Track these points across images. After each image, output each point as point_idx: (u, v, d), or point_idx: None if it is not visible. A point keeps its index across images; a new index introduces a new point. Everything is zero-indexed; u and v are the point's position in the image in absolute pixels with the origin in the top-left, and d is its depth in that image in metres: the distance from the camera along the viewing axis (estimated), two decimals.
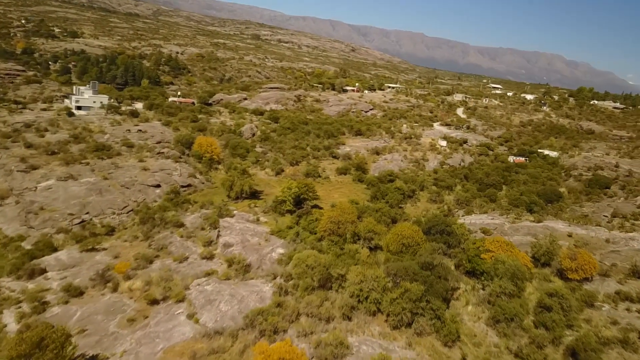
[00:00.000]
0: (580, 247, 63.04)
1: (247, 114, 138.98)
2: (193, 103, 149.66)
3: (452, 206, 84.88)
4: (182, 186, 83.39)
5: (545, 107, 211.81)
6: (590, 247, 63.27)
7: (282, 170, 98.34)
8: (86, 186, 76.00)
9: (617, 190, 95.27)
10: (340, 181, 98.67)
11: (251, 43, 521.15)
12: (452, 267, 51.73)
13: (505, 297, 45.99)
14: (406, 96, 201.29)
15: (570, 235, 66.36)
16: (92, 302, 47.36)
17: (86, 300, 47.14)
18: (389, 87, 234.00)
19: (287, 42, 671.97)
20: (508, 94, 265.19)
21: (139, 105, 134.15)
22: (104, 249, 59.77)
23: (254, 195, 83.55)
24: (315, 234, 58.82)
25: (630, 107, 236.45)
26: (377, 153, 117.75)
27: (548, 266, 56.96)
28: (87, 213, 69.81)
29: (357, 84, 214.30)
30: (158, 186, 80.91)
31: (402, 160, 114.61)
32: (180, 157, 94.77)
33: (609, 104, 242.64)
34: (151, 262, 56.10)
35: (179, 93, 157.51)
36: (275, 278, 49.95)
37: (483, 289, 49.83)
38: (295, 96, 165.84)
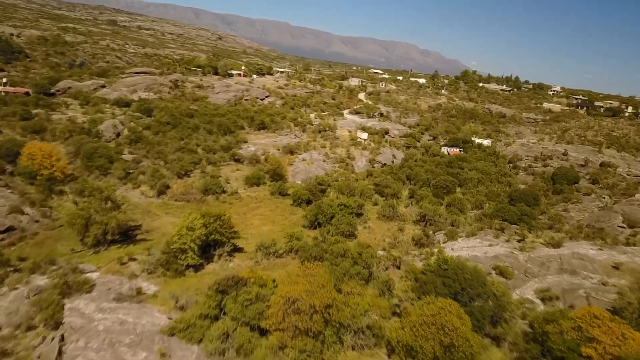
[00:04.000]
0: None
1: (108, 105, 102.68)
2: (27, 93, 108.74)
3: (425, 227, 61.17)
4: None
5: (443, 91, 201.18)
6: None
7: (167, 187, 66.98)
8: None
9: (589, 185, 79.69)
10: (254, 197, 69.95)
11: (107, 29, 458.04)
12: None
13: None
14: (300, 81, 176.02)
15: (617, 268, 46.10)
16: None
17: None
18: (279, 71, 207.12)
19: (148, 29, 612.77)
20: (398, 77, 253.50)
21: None
22: None
23: (127, 234, 52.10)
24: (264, 333, 30.56)
25: (515, 89, 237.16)
26: (291, 152, 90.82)
27: None
28: None
29: (243, 68, 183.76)
30: None
31: (324, 161, 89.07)
32: None
33: (494, 87, 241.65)
34: None
35: (4, 80, 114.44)
36: None
37: None
38: (171, 82, 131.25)
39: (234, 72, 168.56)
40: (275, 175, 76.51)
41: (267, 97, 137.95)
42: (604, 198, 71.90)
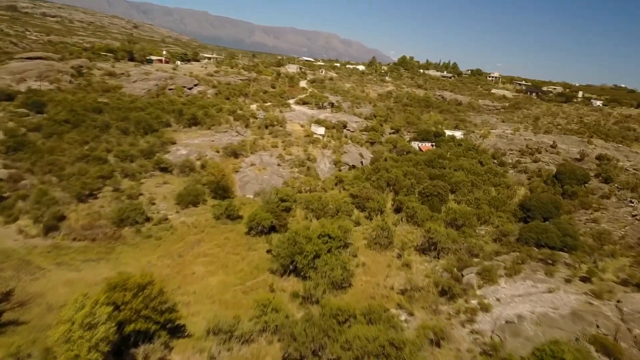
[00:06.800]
0: None
1: None
2: None
3: (438, 259, 44.07)
4: None
5: (388, 78, 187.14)
6: None
7: (62, 218, 45.38)
8: None
9: (603, 184, 66.67)
10: (192, 224, 49.71)
11: (5, 15, 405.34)
12: None
13: None
14: (232, 68, 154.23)
15: None
16: None
17: None
18: (206, 57, 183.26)
19: (54, 17, 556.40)
20: (336, 65, 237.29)
21: None
22: None
23: None
24: None
25: (457, 76, 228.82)
26: (235, 155, 70.90)
27: None
28: None
29: (164, 52, 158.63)
30: None
31: (279, 165, 70.07)
32: None
33: (434, 73, 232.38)
34: None
35: None
36: None
37: None
38: (73, 68, 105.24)
39: (153, 57, 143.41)
40: (219, 190, 56.72)
41: (195, 85, 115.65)
42: (632, 202, 58.75)
